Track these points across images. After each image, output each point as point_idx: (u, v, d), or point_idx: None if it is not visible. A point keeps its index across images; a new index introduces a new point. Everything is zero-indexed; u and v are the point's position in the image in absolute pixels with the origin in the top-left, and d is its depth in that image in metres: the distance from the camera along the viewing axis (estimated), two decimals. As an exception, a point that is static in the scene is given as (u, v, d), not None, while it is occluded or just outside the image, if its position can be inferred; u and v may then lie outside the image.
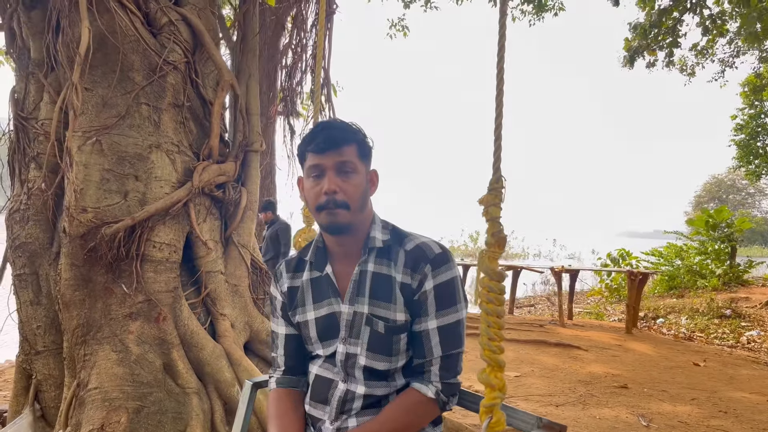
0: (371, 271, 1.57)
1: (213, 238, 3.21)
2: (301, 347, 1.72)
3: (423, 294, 1.52)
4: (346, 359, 1.57)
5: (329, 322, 1.61)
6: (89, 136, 2.82)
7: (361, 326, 1.56)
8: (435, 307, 1.52)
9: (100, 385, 2.70)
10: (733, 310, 10.52)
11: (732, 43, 15.09)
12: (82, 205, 2.78)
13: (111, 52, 2.90)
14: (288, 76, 3.97)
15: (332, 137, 1.50)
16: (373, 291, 1.56)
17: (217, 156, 3.22)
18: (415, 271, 1.52)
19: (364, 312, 1.55)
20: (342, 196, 1.48)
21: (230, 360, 3.08)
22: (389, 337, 1.54)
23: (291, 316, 1.69)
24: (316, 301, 1.64)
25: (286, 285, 1.70)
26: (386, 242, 1.58)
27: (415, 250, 1.55)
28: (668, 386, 5.44)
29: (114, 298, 2.82)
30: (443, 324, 1.52)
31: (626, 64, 13.43)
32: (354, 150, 1.53)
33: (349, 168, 1.51)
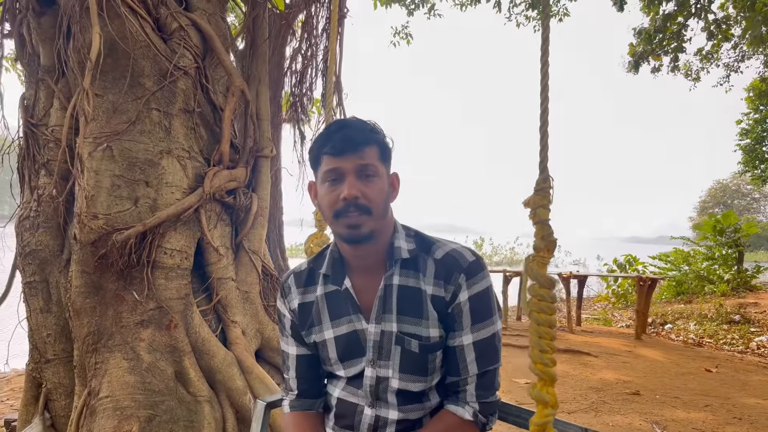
0: (397, 285, 1.44)
1: (224, 244, 3.19)
2: (315, 368, 1.61)
3: (457, 306, 1.40)
4: (376, 383, 1.45)
5: (351, 341, 1.48)
6: (100, 142, 2.80)
7: (390, 346, 1.43)
8: (470, 320, 1.40)
9: (112, 394, 2.67)
10: (742, 315, 10.44)
11: (737, 48, 15.06)
12: (92, 212, 2.76)
13: (121, 57, 2.88)
14: (298, 81, 3.96)
15: (351, 138, 1.37)
16: (401, 307, 1.43)
17: (227, 162, 3.20)
18: (448, 282, 1.40)
19: (392, 331, 1.43)
20: (364, 200, 1.36)
21: (242, 368, 3.04)
22: (424, 356, 1.42)
23: (305, 336, 1.56)
24: (333, 318, 1.50)
25: (296, 302, 1.56)
26: (412, 252, 1.46)
27: (446, 259, 1.43)
28: (681, 393, 5.38)
29: (125, 305, 2.79)
30: (479, 338, 1.40)
31: (631, 69, 13.42)
32: (375, 152, 1.40)
33: (370, 171, 1.38)
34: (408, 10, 10.95)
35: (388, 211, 1.45)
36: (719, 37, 12.72)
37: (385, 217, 1.43)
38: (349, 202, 1.35)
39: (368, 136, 1.40)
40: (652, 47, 12.65)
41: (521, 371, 6.00)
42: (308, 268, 1.58)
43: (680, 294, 13.82)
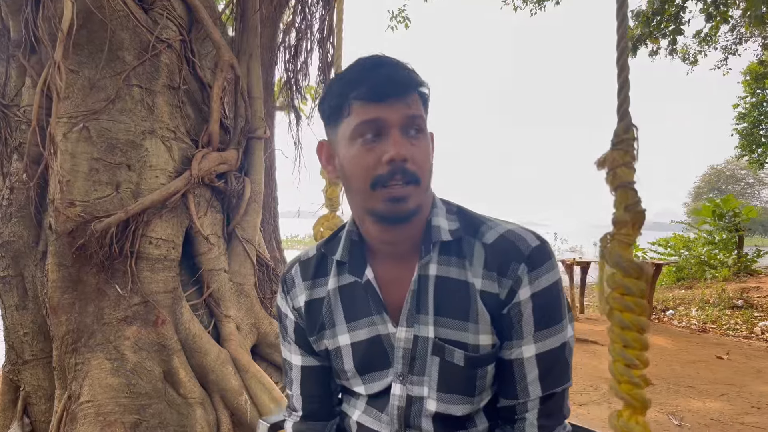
0: (435, 275, 1.10)
1: (215, 232, 2.94)
2: (325, 382, 1.27)
3: (515, 307, 1.06)
4: (407, 405, 1.12)
5: (373, 349, 1.15)
6: (75, 122, 2.55)
7: (426, 357, 1.10)
8: (533, 326, 1.05)
9: (93, 398, 2.43)
10: (744, 300, 10.31)
11: (735, 30, 14.87)
12: (69, 199, 2.51)
13: (98, 29, 2.62)
14: (292, 56, 3.69)
15: (396, 79, 1.01)
16: (441, 305, 1.09)
17: (217, 143, 2.95)
18: (503, 274, 1.05)
19: (429, 336, 1.09)
20: (413, 165, 1.01)
21: (237, 366, 2.81)
22: (471, 371, 1.08)
23: (314, 343, 1.22)
24: (350, 319, 1.16)
25: (303, 298, 1.22)
26: (455, 233, 1.11)
27: (500, 244, 1.07)
28: (694, 381, 5.19)
29: (107, 300, 2.55)
30: (545, 350, 1.06)
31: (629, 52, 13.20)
32: (419, 100, 1.05)
33: (418, 125, 1.03)
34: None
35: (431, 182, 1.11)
36: (718, 19, 12.52)
37: (429, 190, 1.10)
38: (397, 166, 0.99)
39: (413, 78, 1.04)
40: (650, 30, 12.43)
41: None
42: (318, 255, 1.23)
43: (681, 279, 13.70)
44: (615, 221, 0.95)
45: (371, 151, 1.01)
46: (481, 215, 1.16)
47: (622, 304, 0.96)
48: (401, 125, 1.01)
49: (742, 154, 20.63)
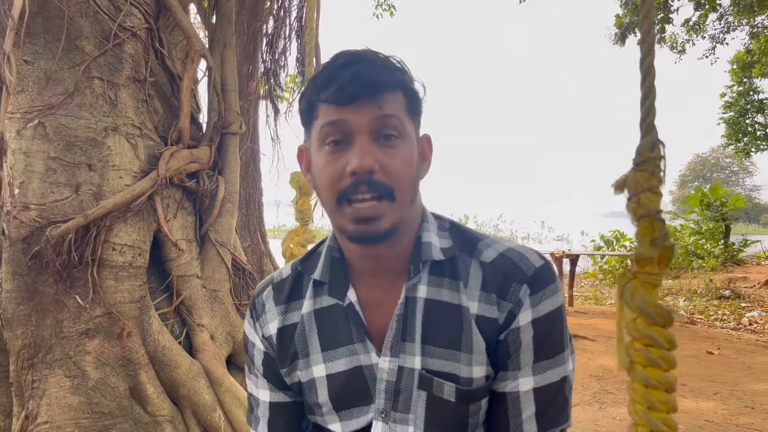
0: (424, 298, 0.97)
1: (186, 236, 2.75)
2: (297, 423, 1.12)
3: (514, 333, 0.94)
4: None
5: (353, 382, 1.01)
6: (30, 118, 2.35)
7: (411, 391, 0.97)
8: (532, 356, 0.94)
9: (51, 419, 2.25)
10: (732, 290, 10.31)
11: (723, 19, 14.82)
12: (23, 202, 2.31)
13: (54, 16, 2.41)
14: (270, 45, 3.48)
15: (367, 76, 0.88)
16: (429, 332, 0.96)
17: (188, 140, 2.76)
18: (503, 296, 0.94)
19: (414, 367, 0.96)
20: (382, 176, 0.87)
21: (210, 379, 2.63)
22: (462, 408, 0.96)
23: (286, 375, 1.07)
24: (327, 347, 1.02)
25: (275, 325, 1.06)
26: (448, 251, 0.99)
27: (500, 262, 0.97)
28: (686, 379, 5.11)
29: (66, 312, 2.36)
30: (544, 384, 0.94)
31: (617, 41, 13.11)
32: (401, 101, 0.92)
33: (394, 129, 0.90)
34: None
35: (418, 193, 0.98)
36: (707, 7, 12.45)
37: (414, 203, 0.97)
38: (360, 178, 0.87)
39: (391, 75, 0.91)
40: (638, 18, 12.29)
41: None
42: (293, 274, 1.09)
43: (668, 269, 13.73)
44: (638, 258, 0.78)
45: (336, 160, 0.89)
46: (477, 232, 1.04)
47: (646, 358, 0.79)
48: (370, 130, 0.88)
49: (728, 143, 20.72)
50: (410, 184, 0.93)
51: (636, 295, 0.78)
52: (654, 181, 0.75)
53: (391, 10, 11.12)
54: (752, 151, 20.11)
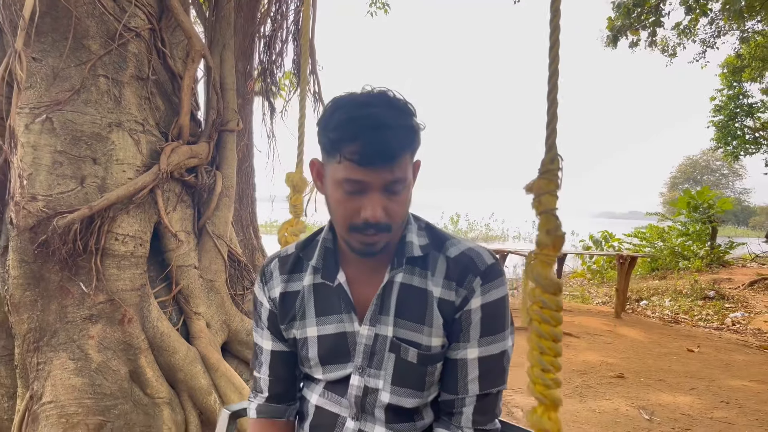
0: (399, 282, 1.23)
1: (184, 228, 2.87)
2: (292, 367, 1.38)
3: (466, 314, 1.19)
4: (363, 395, 1.24)
5: (336, 344, 1.26)
6: (38, 113, 2.46)
7: (384, 353, 1.23)
8: (479, 332, 1.19)
9: (56, 399, 2.36)
10: (716, 291, 10.49)
11: (713, 23, 15.00)
12: (31, 193, 2.42)
13: (62, 16, 2.52)
14: (267, 46, 3.60)
15: (386, 146, 1.07)
16: (401, 308, 1.22)
17: (187, 136, 2.87)
18: (461, 284, 1.19)
19: (388, 335, 1.22)
20: (386, 219, 1.12)
21: (206, 364, 2.76)
22: (422, 368, 1.21)
23: (284, 331, 1.33)
24: (320, 314, 1.28)
25: (279, 290, 1.32)
26: (425, 248, 1.24)
27: (461, 259, 1.21)
28: (665, 375, 5.26)
29: (71, 298, 2.47)
30: (486, 354, 1.19)
31: (609, 44, 13.26)
32: (409, 156, 1.14)
33: (400, 186, 1.13)
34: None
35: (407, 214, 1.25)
36: (697, 12, 12.61)
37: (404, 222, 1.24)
38: (370, 223, 1.12)
39: (405, 138, 1.11)
40: (630, 21, 12.47)
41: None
42: (295, 254, 1.35)
43: (655, 270, 13.88)
44: (537, 243, 1.05)
45: (352, 202, 1.12)
46: (447, 233, 1.31)
47: (540, 317, 1.05)
48: (382, 187, 1.10)
49: (717, 146, 20.90)
50: (403, 216, 1.19)
51: (535, 270, 1.04)
52: (552, 186, 0.99)
53: (386, 8, 11.25)
54: (741, 154, 20.32)
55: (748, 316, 9.07)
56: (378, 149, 1.07)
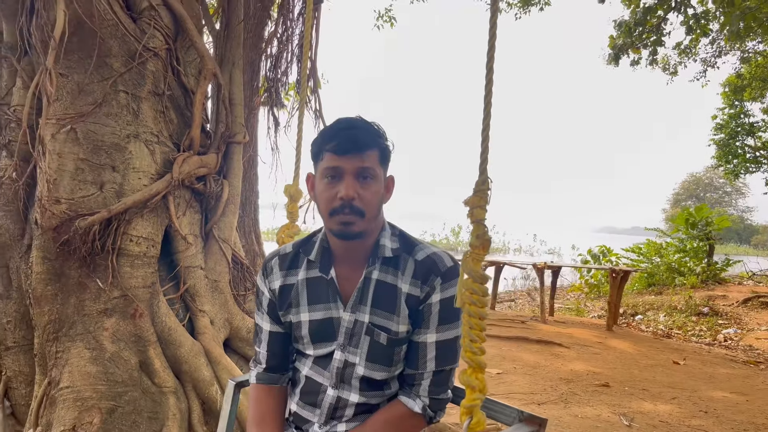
0: (376, 279, 1.52)
1: (193, 232, 3.11)
2: (286, 345, 1.67)
3: (427, 306, 1.49)
4: (343, 367, 1.54)
5: (324, 326, 1.56)
6: (63, 124, 2.70)
7: (361, 335, 1.52)
8: (437, 321, 1.49)
9: (72, 384, 2.59)
10: (710, 307, 10.63)
11: (714, 43, 15.21)
12: (55, 196, 2.66)
13: (88, 36, 2.77)
14: (273, 66, 3.87)
15: (356, 139, 1.42)
16: (376, 300, 1.52)
17: (198, 147, 3.11)
18: (425, 282, 1.49)
19: (365, 321, 1.51)
20: (359, 202, 1.42)
21: (209, 358, 2.98)
22: (390, 348, 1.51)
23: (282, 316, 1.62)
24: (311, 302, 1.57)
25: (278, 283, 1.61)
26: (395, 251, 1.53)
27: (426, 261, 1.51)
28: (649, 385, 5.45)
29: (88, 293, 2.71)
30: (442, 339, 1.50)
31: (611, 61, 13.49)
32: (376, 155, 1.46)
33: (369, 174, 1.44)
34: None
35: (381, 211, 1.53)
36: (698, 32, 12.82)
37: (377, 218, 1.51)
38: (345, 202, 1.41)
39: (373, 139, 1.45)
40: (631, 40, 12.71)
41: (494, 361, 6.03)
42: (294, 252, 1.63)
43: (651, 285, 14.02)
44: (470, 244, 1.37)
45: (331, 189, 1.43)
46: (417, 239, 1.60)
47: (470, 300, 1.34)
48: (354, 173, 1.42)
49: (718, 164, 21.04)
50: (375, 207, 1.46)
51: (468, 264, 1.33)
52: (482, 202, 1.32)
53: (392, 21, 11.54)
54: (741, 173, 20.47)
55: (741, 333, 9.22)
56: (350, 141, 1.41)
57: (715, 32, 13.89)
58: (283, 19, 3.71)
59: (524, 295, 14.26)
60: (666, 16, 12.13)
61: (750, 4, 10.31)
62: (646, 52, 13.20)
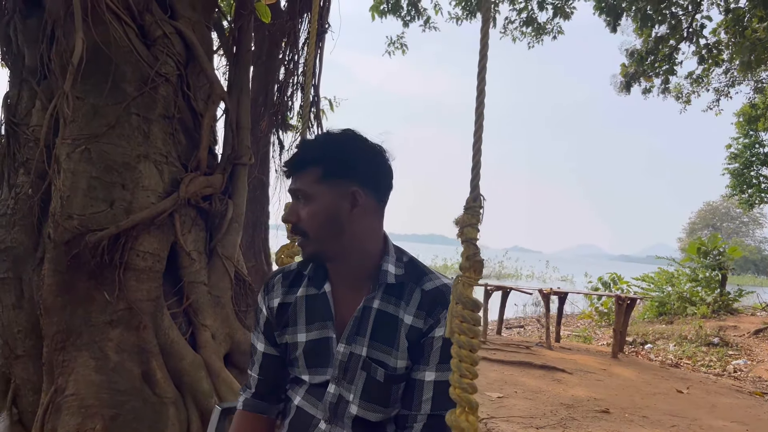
0: (376, 309, 1.41)
1: (197, 249, 3.24)
2: (279, 370, 1.56)
3: (429, 340, 1.36)
4: (337, 402, 1.42)
5: (320, 348, 1.45)
6: (78, 144, 2.85)
7: (356, 370, 1.39)
8: (438, 359, 1.35)
9: (77, 392, 2.71)
10: (721, 338, 10.54)
11: (728, 73, 15.24)
12: (68, 212, 2.81)
13: (104, 62, 2.93)
14: (279, 91, 4.04)
15: (290, 161, 1.42)
16: (375, 332, 1.39)
17: (205, 168, 3.25)
18: (430, 314, 1.37)
19: (361, 354, 1.39)
20: (300, 223, 1.38)
21: (209, 371, 3.08)
22: (388, 386, 1.38)
23: (278, 337, 1.53)
24: (309, 322, 1.47)
25: (277, 301, 1.52)
26: (399, 278, 1.42)
27: (434, 292, 1.39)
28: (649, 412, 5.46)
29: (95, 305, 2.84)
30: (441, 379, 1.34)
31: (622, 89, 13.59)
32: (315, 173, 1.36)
33: (300, 195, 1.39)
34: (404, 22, 11.07)
35: (343, 232, 1.39)
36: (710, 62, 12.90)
37: (338, 238, 1.38)
38: (288, 225, 1.44)
39: (310, 157, 1.39)
40: (643, 68, 12.82)
41: (495, 385, 6.06)
42: (297, 270, 1.56)
43: (662, 314, 13.92)
44: (460, 267, 1.23)
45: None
46: (427, 268, 1.48)
47: (459, 329, 1.20)
48: (292, 194, 1.42)
49: (732, 193, 20.92)
50: (318, 228, 1.37)
51: (458, 290, 1.21)
52: (474, 220, 1.20)
53: (403, 48, 11.76)
54: (756, 202, 20.33)
55: (751, 364, 9.14)
56: (287, 164, 1.43)
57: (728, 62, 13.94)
58: (290, 47, 3.88)
59: (534, 322, 14.22)
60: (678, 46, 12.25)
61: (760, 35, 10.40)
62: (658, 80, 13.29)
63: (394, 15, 10.67)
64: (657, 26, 11.43)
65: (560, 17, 11.18)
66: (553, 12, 11.15)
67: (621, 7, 10.52)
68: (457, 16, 11.45)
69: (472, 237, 1.20)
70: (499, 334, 10.27)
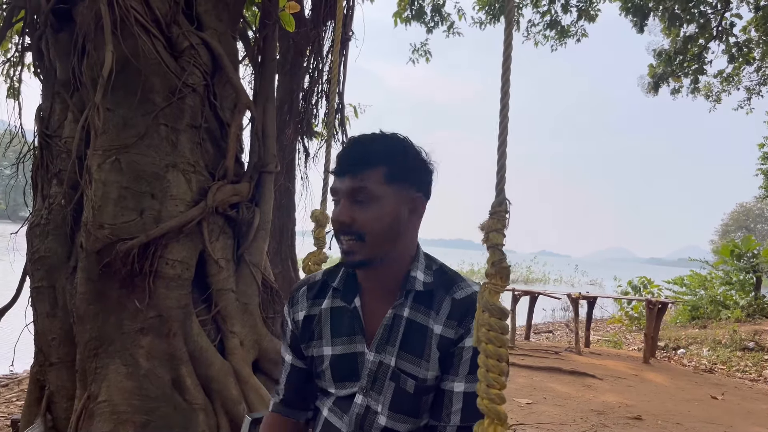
0: (406, 317, 1.37)
1: (225, 256, 3.27)
2: (305, 381, 1.55)
3: (459, 350, 1.32)
4: (364, 414, 1.38)
5: (348, 362, 1.41)
6: (109, 155, 2.91)
7: (385, 380, 1.36)
8: (467, 369, 1.31)
9: (109, 398, 2.76)
10: (756, 342, 10.28)
11: (759, 71, 14.92)
12: (99, 222, 2.86)
13: (133, 74, 2.99)
14: (304, 99, 4.07)
15: (351, 158, 1.32)
16: (405, 342, 1.36)
17: (232, 176, 3.29)
18: (461, 323, 1.33)
19: (390, 364, 1.36)
20: (356, 226, 1.30)
21: (238, 378, 3.11)
22: (417, 398, 1.34)
23: (304, 349, 1.50)
24: (335, 335, 1.44)
25: (303, 313, 1.50)
26: (428, 285, 1.38)
27: (465, 301, 1.35)
28: (683, 419, 5.34)
29: (126, 312, 2.88)
30: (470, 390, 1.29)
31: (650, 90, 13.41)
32: (379, 174, 1.30)
33: (363, 196, 1.29)
34: (427, 28, 11.09)
35: (399, 238, 1.35)
36: (740, 60, 12.66)
37: (393, 244, 1.35)
38: (340, 227, 1.31)
39: (372, 156, 1.31)
40: (672, 69, 12.63)
41: (524, 391, 6.00)
42: (322, 280, 1.52)
43: (695, 318, 13.64)
44: (486, 274, 1.18)
45: (334, 212, 1.34)
46: (458, 275, 1.44)
47: (486, 338, 1.15)
48: (349, 195, 1.31)
49: (766, 194, 20.45)
50: (381, 231, 1.30)
51: (484, 297, 1.16)
52: (499, 225, 1.16)
53: (427, 56, 11.76)
54: (790, 204, 19.83)
55: (789, 369, 8.89)
56: (346, 160, 1.33)
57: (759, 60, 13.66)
58: (315, 56, 3.92)
59: (563, 327, 14.04)
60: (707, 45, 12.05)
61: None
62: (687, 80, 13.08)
63: (417, 21, 10.69)
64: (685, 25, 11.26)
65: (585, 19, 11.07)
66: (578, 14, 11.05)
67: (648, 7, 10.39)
68: (481, 21, 11.44)
69: (497, 242, 1.15)
70: (527, 339, 10.17)
